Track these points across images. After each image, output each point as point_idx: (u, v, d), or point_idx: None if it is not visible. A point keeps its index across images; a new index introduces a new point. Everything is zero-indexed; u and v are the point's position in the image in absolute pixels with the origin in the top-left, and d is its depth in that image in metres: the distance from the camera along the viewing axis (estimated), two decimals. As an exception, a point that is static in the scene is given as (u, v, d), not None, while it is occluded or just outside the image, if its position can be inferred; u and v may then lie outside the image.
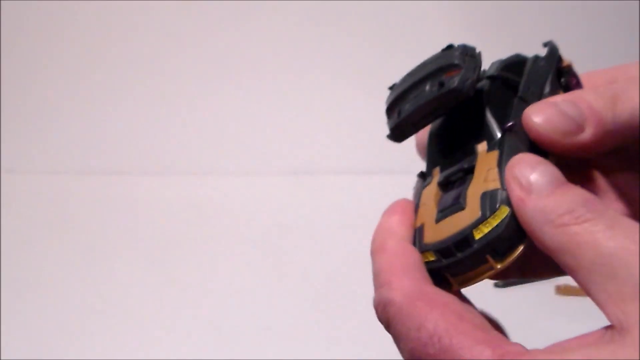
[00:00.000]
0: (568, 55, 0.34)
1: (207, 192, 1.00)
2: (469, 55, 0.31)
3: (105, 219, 0.95)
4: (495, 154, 0.28)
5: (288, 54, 1.03)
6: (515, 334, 0.32)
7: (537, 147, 0.29)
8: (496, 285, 0.77)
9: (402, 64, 1.08)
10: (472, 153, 0.29)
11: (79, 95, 1.05)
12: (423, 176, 0.32)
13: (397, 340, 0.26)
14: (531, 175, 0.26)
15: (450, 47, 0.32)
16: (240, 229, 0.93)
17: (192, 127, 1.05)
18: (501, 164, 0.28)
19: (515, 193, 0.26)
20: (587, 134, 0.28)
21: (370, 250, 0.29)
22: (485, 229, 0.27)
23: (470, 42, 0.32)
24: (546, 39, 0.36)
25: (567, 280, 0.27)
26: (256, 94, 1.04)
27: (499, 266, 0.27)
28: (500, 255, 0.27)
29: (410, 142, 0.37)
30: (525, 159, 0.27)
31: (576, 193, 0.25)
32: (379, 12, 1.00)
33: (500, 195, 0.27)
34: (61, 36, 1.03)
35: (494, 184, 0.27)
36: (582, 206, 0.24)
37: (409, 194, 0.33)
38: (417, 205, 0.31)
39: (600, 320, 0.25)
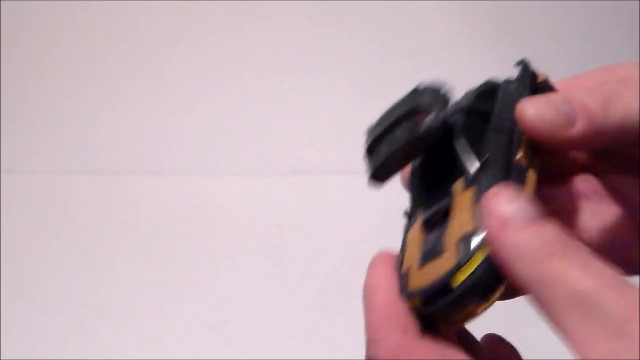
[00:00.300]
0: (567, 55, 0.34)
1: (207, 192, 1.00)
2: (437, 94, 0.30)
3: (105, 219, 0.95)
4: (470, 192, 0.28)
5: (288, 54, 1.03)
6: (511, 339, 0.32)
7: (515, 173, 0.28)
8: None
9: (402, 64, 1.08)
10: (450, 192, 0.29)
11: (79, 95, 1.05)
12: (409, 216, 0.32)
13: None
14: (507, 209, 0.25)
15: (416, 89, 0.31)
16: (240, 228, 0.93)
17: (192, 127, 1.05)
18: (476, 202, 0.28)
19: (491, 227, 0.26)
20: (577, 129, 0.28)
21: (363, 307, 0.29)
22: (462, 276, 0.27)
23: (469, 43, 0.32)
24: (546, 39, 0.36)
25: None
26: (256, 94, 1.04)
27: (480, 310, 0.27)
28: (481, 298, 0.27)
29: None
30: (502, 192, 0.26)
31: (552, 229, 0.25)
32: (379, 12, 1.00)
33: (474, 239, 0.27)
34: (61, 36, 1.03)
35: (468, 227, 0.27)
36: (557, 243, 0.24)
37: (408, 194, 0.33)
38: (402, 247, 0.31)
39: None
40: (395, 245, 0.31)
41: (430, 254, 0.28)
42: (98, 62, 1.04)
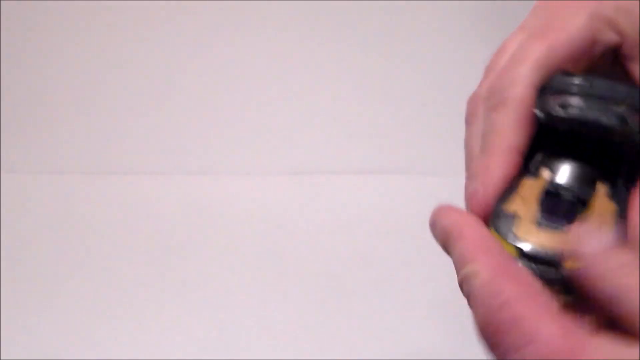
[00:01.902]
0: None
1: (207, 192, 1.00)
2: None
3: (105, 219, 0.95)
4: (613, 206, 0.29)
5: (288, 54, 1.03)
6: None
7: None
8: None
9: (402, 64, 1.08)
10: (591, 187, 0.30)
11: (79, 96, 1.05)
12: (524, 165, 0.32)
13: (475, 310, 0.27)
14: (595, 240, 0.26)
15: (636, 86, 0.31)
16: (240, 228, 0.93)
17: (192, 127, 1.05)
18: (616, 220, 0.28)
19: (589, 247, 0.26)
20: None
21: (444, 242, 0.29)
22: (575, 265, 0.27)
23: (470, 43, 0.32)
24: None
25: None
26: (256, 94, 1.04)
27: (559, 299, 0.27)
28: (567, 291, 0.27)
29: (410, 143, 0.37)
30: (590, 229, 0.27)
31: (630, 256, 0.25)
32: (379, 13, 1.00)
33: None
34: (61, 36, 1.03)
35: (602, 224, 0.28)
36: (633, 265, 0.25)
37: (408, 194, 0.34)
38: (512, 188, 0.31)
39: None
40: (396, 245, 0.31)
41: (557, 224, 0.29)
42: (98, 62, 1.04)
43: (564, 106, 0.30)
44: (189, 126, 1.05)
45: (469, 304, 0.28)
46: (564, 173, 0.31)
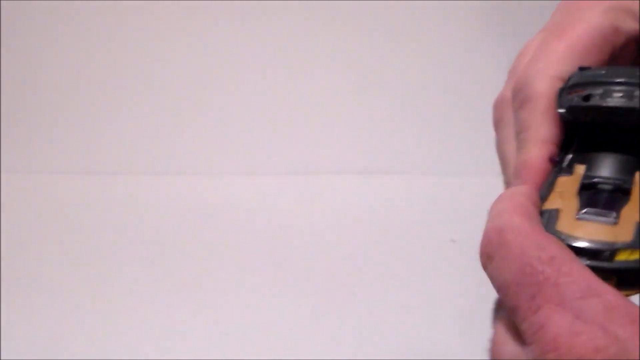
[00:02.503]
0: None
1: (207, 192, 1.00)
2: None
3: (105, 219, 0.95)
4: None
5: (288, 54, 1.03)
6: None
7: None
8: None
9: (403, 65, 1.08)
10: (630, 175, 0.29)
11: (79, 95, 1.05)
12: (557, 164, 0.32)
13: (503, 262, 0.26)
14: None
15: None
16: (240, 228, 0.93)
17: (192, 127, 1.05)
18: None
19: None
20: None
21: (496, 200, 0.29)
22: (630, 256, 0.27)
23: (472, 45, 0.32)
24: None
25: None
26: (256, 94, 1.04)
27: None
28: (625, 285, 0.27)
29: (410, 143, 0.37)
30: None
31: None
32: (379, 13, 1.00)
33: None
34: (61, 36, 1.03)
35: None
36: None
37: (408, 194, 0.34)
38: (549, 187, 0.31)
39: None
40: (396, 245, 0.31)
41: (598, 215, 0.28)
42: (98, 62, 1.04)
43: (585, 98, 0.30)
44: (189, 126, 1.05)
45: (490, 258, 0.26)
46: (598, 165, 0.30)
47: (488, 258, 0.27)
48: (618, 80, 0.30)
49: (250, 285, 0.82)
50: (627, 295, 0.27)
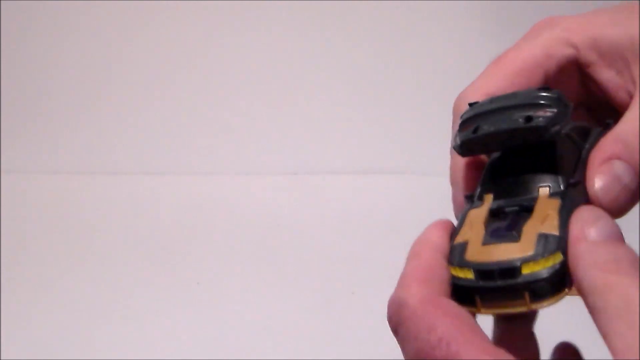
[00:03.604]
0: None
1: (207, 192, 1.00)
2: (563, 103, 0.31)
3: (105, 219, 0.95)
4: (556, 201, 0.29)
5: (288, 54, 1.03)
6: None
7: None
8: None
9: (401, 65, 1.08)
10: (533, 194, 0.30)
11: (79, 95, 1.05)
12: (470, 198, 0.33)
13: (404, 341, 0.27)
14: (596, 222, 0.28)
15: (547, 88, 0.32)
16: (240, 228, 0.93)
17: (192, 127, 1.05)
18: (561, 213, 0.29)
19: (574, 234, 0.27)
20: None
21: (407, 257, 0.30)
22: (535, 267, 0.27)
23: (470, 47, 0.33)
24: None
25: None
26: (256, 94, 1.04)
27: (532, 307, 0.28)
28: (537, 297, 0.27)
29: (410, 143, 0.38)
30: (587, 212, 0.28)
31: (626, 250, 0.27)
32: (378, 13, 1.00)
33: (558, 241, 0.28)
34: (61, 36, 1.03)
35: (551, 229, 0.28)
36: (628, 261, 0.26)
37: (408, 194, 0.34)
38: (461, 222, 0.31)
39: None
40: (396, 246, 0.32)
41: (500, 236, 0.29)
42: (98, 62, 1.04)
43: (475, 130, 0.32)
44: (189, 126, 1.05)
45: (395, 331, 0.28)
46: (503, 190, 0.31)
47: (394, 330, 0.29)
48: (502, 106, 0.31)
49: (250, 284, 0.82)
50: (545, 306, 0.28)
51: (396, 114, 1.03)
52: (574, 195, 0.30)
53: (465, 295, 0.29)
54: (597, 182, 0.30)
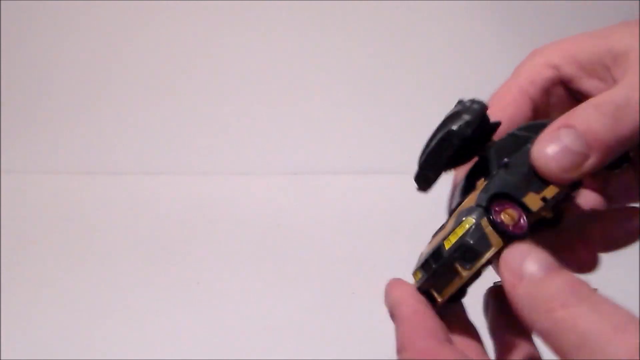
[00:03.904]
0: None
1: (207, 192, 1.00)
2: (473, 103, 0.33)
3: (105, 219, 0.95)
4: (483, 182, 0.31)
5: (288, 54, 1.03)
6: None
7: (535, 178, 0.31)
8: (495, 284, 0.77)
9: (401, 65, 1.08)
10: (474, 188, 0.32)
11: (79, 95, 1.05)
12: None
13: (397, 332, 0.30)
14: (522, 264, 0.27)
15: (460, 101, 0.35)
16: (240, 228, 0.93)
17: (192, 127, 1.05)
18: (485, 188, 0.30)
19: (507, 279, 0.27)
20: (591, 161, 0.30)
21: (390, 315, 0.33)
22: (452, 239, 0.29)
23: (471, 44, 0.34)
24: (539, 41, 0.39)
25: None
26: (256, 94, 1.04)
27: (464, 274, 0.29)
28: (467, 263, 0.29)
29: (410, 143, 0.39)
30: (518, 248, 0.28)
31: (564, 279, 0.26)
32: (378, 14, 1.00)
33: (469, 209, 0.30)
34: (61, 36, 1.03)
35: (470, 203, 0.30)
36: (568, 292, 0.25)
37: (408, 194, 0.36)
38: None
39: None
40: (396, 245, 0.33)
41: (438, 229, 0.32)
42: (98, 62, 1.04)
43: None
44: (189, 126, 1.05)
45: (394, 321, 0.31)
46: (464, 194, 0.33)
47: (390, 315, 0.32)
48: (430, 136, 0.34)
49: (250, 284, 0.82)
50: (480, 267, 0.29)
51: (396, 114, 1.03)
52: (504, 174, 0.31)
53: (426, 294, 0.31)
54: (537, 146, 0.31)
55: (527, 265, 0.27)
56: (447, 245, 0.29)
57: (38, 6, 1.01)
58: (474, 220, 0.29)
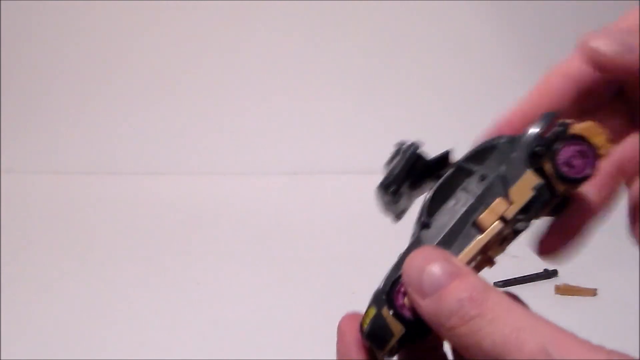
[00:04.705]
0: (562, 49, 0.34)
1: (207, 192, 1.00)
2: (404, 147, 0.35)
3: (105, 219, 0.95)
4: (417, 231, 0.31)
5: (288, 55, 1.03)
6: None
7: (450, 238, 0.30)
8: (495, 284, 0.77)
9: (399, 66, 1.08)
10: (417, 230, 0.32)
11: (79, 96, 1.05)
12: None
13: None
14: (421, 278, 0.26)
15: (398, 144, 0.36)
16: (240, 228, 0.93)
17: (192, 127, 1.06)
18: (396, 264, 0.30)
19: (413, 298, 0.27)
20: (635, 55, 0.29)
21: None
22: (364, 323, 0.29)
23: (471, 45, 0.33)
24: (540, 43, 0.37)
25: (566, 280, 0.28)
26: (256, 95, 1.04)
27: (380, 356, 0.29)
28: (377, 348, 0.29)
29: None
30: (415, 260, 0.27)
31: (461, 289, 0.25)
32: (378, 15, 1.00)
33: (375, 295, 0.29)
34: (61, 36, 1.03)
35: (382, 281, 0.30)
36: (466, 303, 0.25)
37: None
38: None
39: (599, 319, 0.25)
40: (396, 245, 0.32)
41: (404, 251, 0.31)
42: (98, 63, 1.04)
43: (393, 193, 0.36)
44: (189, 126, 1.05)
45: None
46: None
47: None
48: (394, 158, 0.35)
49: (250, 284, 0.82)
50: (387, 354, 0.29)
51: (396, 114, 1.03)
52: (420, 238, 0.31)
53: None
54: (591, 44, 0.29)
55: (425, 280, 0.26)
56: (365, 324, 0.29)
57: (38, 6, 1.02)
58: (375, 311, 0.29)
